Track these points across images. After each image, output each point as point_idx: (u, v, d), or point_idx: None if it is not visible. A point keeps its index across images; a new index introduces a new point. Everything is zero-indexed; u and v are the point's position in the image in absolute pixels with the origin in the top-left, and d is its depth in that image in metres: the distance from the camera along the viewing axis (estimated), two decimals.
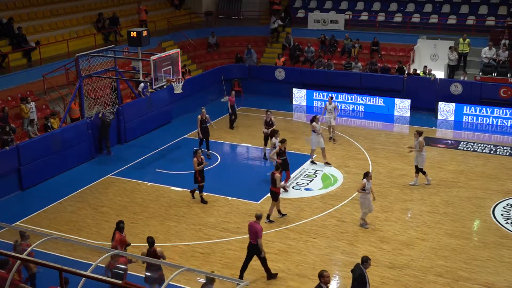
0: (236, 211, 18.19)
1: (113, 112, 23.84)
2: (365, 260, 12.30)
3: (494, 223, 17.28)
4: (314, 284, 14.19)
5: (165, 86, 23.07)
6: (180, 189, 19.80)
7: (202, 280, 11.84)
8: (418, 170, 19.73)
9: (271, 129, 21.65)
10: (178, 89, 23.51)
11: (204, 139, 22.70)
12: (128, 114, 24.65)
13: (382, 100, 28.44)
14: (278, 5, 35.74)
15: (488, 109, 26.57)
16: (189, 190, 19.36)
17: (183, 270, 10.94)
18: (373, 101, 28.67)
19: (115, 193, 19.72)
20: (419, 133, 19.65)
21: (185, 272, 10.86)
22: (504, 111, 26.26)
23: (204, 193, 19.15)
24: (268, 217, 17.48)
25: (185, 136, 25.28)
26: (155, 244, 13.40)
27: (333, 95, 26.72)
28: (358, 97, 28.88)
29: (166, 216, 17.90)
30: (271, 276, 14.60)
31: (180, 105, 27.61)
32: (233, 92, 26.81)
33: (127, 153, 23.39)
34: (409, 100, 27.89)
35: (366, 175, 16.78)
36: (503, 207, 18.26)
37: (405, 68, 29.39)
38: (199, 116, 22.35)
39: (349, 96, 29.03)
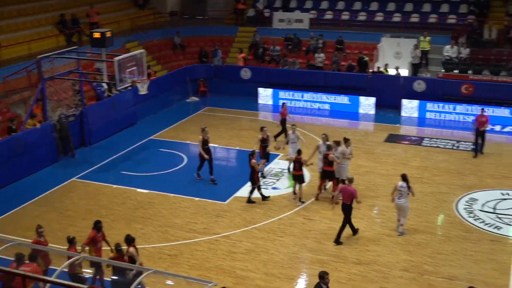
0: (203, 212, 18.19)
1: (74, 114, 23.54)
2: (322, 276, 11.94)
3: (458, 218, 17.63)
4: (281, 283, 14.35)
5: (129, 88, 22.90)
6: (146, 191, 19.71)
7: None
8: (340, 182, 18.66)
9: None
10: (143, 90, 23.35)
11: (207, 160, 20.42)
12: (92, 116, 24.39)
13: (347, 98, 28.73)
14: (244, 4, 35.81)
15: (450, 105, 27.07)
16: (260, 198, 18.90)
17: (150, 273, 10.92)
18: (338, 100, 28.94)
19: (80, 196, 19.53)
20: (346, 140, 19.08)
21: (152, 274, 10.83)
22: (466, 107, 26.78)
23: (173, 195, 19.14)
24: (300, 199, 18.61)
25: (150, 138, 25.15)
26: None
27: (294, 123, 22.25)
28: (324, 95, 29.13)
29: (132, 219, 17.80)
30: (355, 231, 16.46)
31: (145, 106, 27.46)
32: (285, 104, 24.64)
33: (92, 156, 23.17)
34: (374, 98, 28.24)
35: (346, 141, 18.20)
36: (466, 202, 18.64)
37: (365, 59, 29.69)
38: (200, 137, 20.31)
39: (314, 94, 29.27)
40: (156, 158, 22.90)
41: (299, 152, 18.80)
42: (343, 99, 28.82)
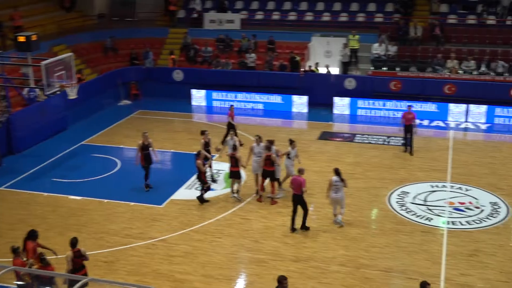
0: (139, 217, 17.94)
1: (1, 121, 22.73)
2: (280, 281, 11.66)
3: (391, 211, 18.09)
4: (220, 284, 14.33)
5: (58, 92, 22.30)
6: (79, 198, 19.28)
7: None
8: (274, 180, 18.91)
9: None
10: (72, 95, 22.79)
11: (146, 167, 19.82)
12: (19, 122, 23.64)
13: (280, 97, 29.00)
14: (175, 5, 35.54)
15: (380, 102, 27.76)
16: (197, 197, 18.83)
17: (85, 281, 10.67)
18: (271, 99, 29.16)
19: (9, 206, 18.87)
20: (292, 142, 19.21)
21: (88, 282, 10.60)
22: (395, 103, 27.53)
23: (107, 200, 18.83)
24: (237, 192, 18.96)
25: (82, 143, 24.61)
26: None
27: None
28: (257, 95, 29.30)
29: (66, 227, 17.35)
30: (304, 226, 16.81)
31: (76, 111, 26.84)
32: (233, 106, 24.17)
33: (20, 164, 22.44)
34: (306, 97, 28.61)
35: (291, 142, 18.63)
36: (398, 195, 19.16)
37: (297, 58, 30.06)
38: (140, 141, 19.58)
39: (248, 94, 29.39)
40: (88, 164, 22.42)
41: (234, 148, 18.81)
42: (276, 99, 29.08)
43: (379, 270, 14.88)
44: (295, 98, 28.77)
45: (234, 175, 18.83)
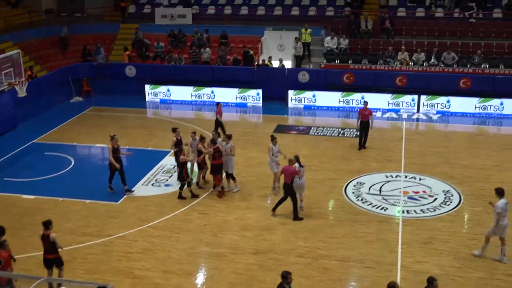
0: (95, 214, 17.71)
1: None
2: (285, 276, 11.37)
3: (347, 202, 18.35)
4: (180, 279, 14.30)
5: (6, 90, 21.78)
6: (33, 197, 18.89)
7: None
8: (229, 176, 19.07)
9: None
10: (22, 93, 22.41)
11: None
12: None
13: (234, 91, 29.00)
14: (125, 2, 35.10)
15: (334, 94, 28.07)
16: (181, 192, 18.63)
17: (42, 281, 10.51)
18: (225, 92, 29.10)
19: None
20: (229, 137, 19.10)
21: (44, 282, 10.42)
22: (349, 95, 27.89)
23: (62, 199, 18.53)
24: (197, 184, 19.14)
25: (33, 141, 24.09)
26: None
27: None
28: (210, 89, 29.22)
29: (19, 227, 16.97)
30: (297, 217, 17.04)
31: (26, 109, 26.25)
32: (221, 104, 23.66)
33: None
34: (260, 90, 28.71)
35: (273, 139, 18.67)
36: (354, 186, 19.45)
37: (250, 52, 30.12)
38: (110, 145, 18.81)
39: (202, 89, 29.27)
40: (41, 162, 21.98)
41: (214, 142, 18.61)
42: (230, 93, 29.04)
43: (337, 260, 15.08)
44: (249, 92, 28.82)
45: (218, 167, 18.55)
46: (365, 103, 22.65)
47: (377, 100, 27.34)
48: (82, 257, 15.30)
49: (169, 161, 21.59)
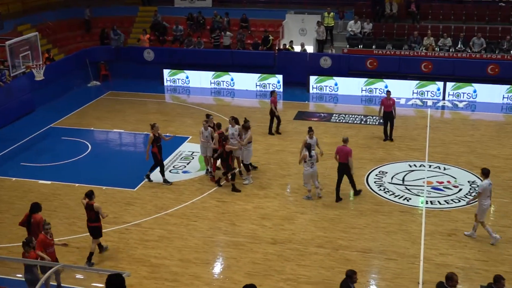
0: (112, 201, 17.78)
1: None
2: (350, 275, 11.14)
3: (369, 191, 18.19)
4: (197, 268, 14.31)
5: (23, 73, 21.90)
6: (49, 182, 19.02)
7: None
8: (246, 166, 18.94)
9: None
10: (39, 76, 22.48)
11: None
12: None
13: (254, 78, 28.88)
14: None
15: (356, 80, 27.81)
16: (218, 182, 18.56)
17: (58, 267, 10.55)
18: (245, 79, 29.02)
19: None
20: (237, 121, 18.86)
21: (62, 269, 10.48)
22: (372, 83, 27.61)
23: (78, 184, 18.62)
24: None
25: (50, 126, 24.25)
26: None
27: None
28: (230, 74, 29.13)
29: None
30: (356, 192, 17.73)
31: (43, 92, 26.39)
32: (275, 93, 23.00)
33: None
34: (281, 76, 28.54)
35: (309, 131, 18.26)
36: (376, 175, 19.27)
37: (270, 37, 29.91)
38: (151, 134, 18.39)
39: (221, 74, 29.19)
40: (58, 147, 22.12)
41: (219, 127, 18.64)
42: (250, 78, 28.92)
43: (358, 251, 14.98)
44: (270, 79, 28.69)
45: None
46: (388, 92, 22.24)
47: (401, 87, 27.04)
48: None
49: (187, 147, 21.59)
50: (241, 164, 19.06)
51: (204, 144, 18.98)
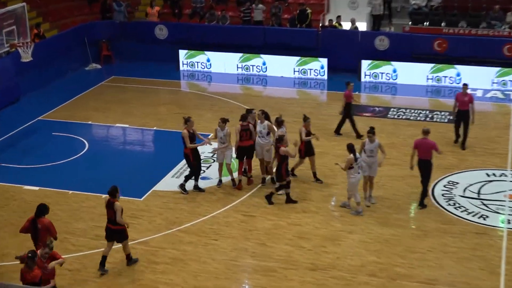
0: None
1: None
2: None
3: (435, 206, 18.00)
4: None
5: (7, 53, 22.17)
6: (37, 188, 19.21)
7: None
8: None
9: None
10: (26, 57, 22.70)
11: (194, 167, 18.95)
12: None
13: (291, 63, 28.84)
14: None
15: (421, 66, 27.58)
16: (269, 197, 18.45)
17: None
18: (280, 63, 28.98)
19: None
20: (224, 121, 18.86)
21: None
22: (440, 70, 27.35)
23: (72, 192, 18.77)
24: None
25: (38, 118, 24.58)
26: None
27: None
28: (262, 57, 29.13)
29: (20, 224, 17.16)
30: (422, 203, 17.97)
31: (31, 77, 26.76)
32: (351, 84, 22.69)
33: None
34: (325, 60, 28.47)
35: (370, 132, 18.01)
36: (444, 186, 19.07)
37: (308, 11, 29.78)
38: (184, 130, 18.39)
39: (251, 56, 29.21)
40: (48, 145, 22.38)
41: (244, 118, 18.83)
42: (287, 62, 28.91)
43: (420, 282, 14.81)
44: (311, 61, 28.65)
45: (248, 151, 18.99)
46: (464, 86, 21.65)
47: (478, 76, 26.79)
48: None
49: (206, 148, 21.56)
50: (266, 169, 19.22)
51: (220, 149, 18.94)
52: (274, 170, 18.59)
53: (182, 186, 18.85)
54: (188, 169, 19.04)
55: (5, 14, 21.27)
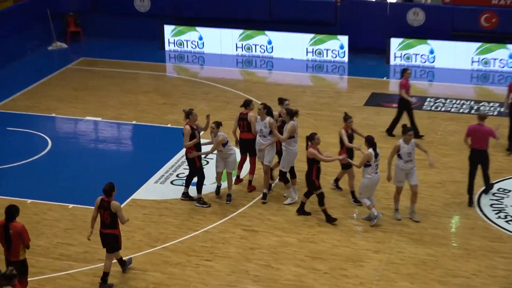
0: (82, 226, 17.83)
1: None
2: None
3: (481, 219, 17.99)
4: None
5: None
6: None
7: None
8: (283, 176, 19.00)
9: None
10: None
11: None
12: None
13: (304, 39, 28.92)
14: None
15: (464, 45, 27.63)
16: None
17: None
18: (290, 41, 29.06)
19: None
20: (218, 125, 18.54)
21: None
22: (489, 50, 27.34)
23: (31, 201, 18.80)
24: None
25: None
26: None
27: None
28: (267, 34, 29.20)
29: None
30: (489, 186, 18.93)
31: None
32: (408, 72, 22.48)
33: None
34: (345, 38, 28.50)
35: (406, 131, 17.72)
36: (493, 194, 19.07)
37: None
38: (186, 126, 18.42)
39: (253, 33, 29.24)
40: (1, 142, 22.43)
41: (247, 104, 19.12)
42: (298, 40, 29.00)
43: None
44: (328, 39, 28.75)
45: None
46: None
47: None
48: None
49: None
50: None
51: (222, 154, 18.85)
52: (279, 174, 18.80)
53: (199, 200, 18.77)
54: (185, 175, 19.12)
55: None
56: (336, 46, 28.64)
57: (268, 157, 18.74)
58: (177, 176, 20.10)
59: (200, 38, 29.80)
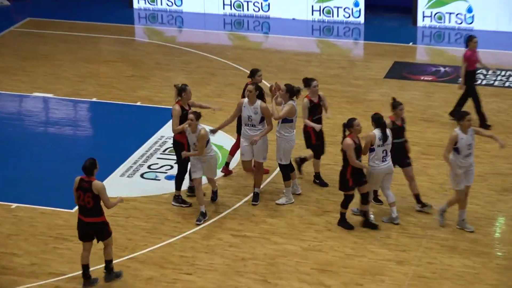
0: (29, 232, 17.89)
1: None
2: None
3: None
4: None
5: None
6: None
7: None
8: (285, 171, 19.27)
9: None
10: None
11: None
12: None
13: None
14: None
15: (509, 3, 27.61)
16: None
17: None
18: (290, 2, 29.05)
19: None
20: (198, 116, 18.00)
21: None
22: None
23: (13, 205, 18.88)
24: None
25: None
26: None
27: None
28: None
29: None
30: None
31: None
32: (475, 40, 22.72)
33: None
34: None
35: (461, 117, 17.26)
36: None
37: None
38: (176, 106, 18.36)
39: None
40: None
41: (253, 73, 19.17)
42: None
43: None
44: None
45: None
46: None
47: None
48: None
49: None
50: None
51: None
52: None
53: (177, 198, 18.82)
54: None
55: None
56: (350, 3, 28.66)
57: (262, 152, 18.62)
58: (148, 167, 20.11)
59: None
